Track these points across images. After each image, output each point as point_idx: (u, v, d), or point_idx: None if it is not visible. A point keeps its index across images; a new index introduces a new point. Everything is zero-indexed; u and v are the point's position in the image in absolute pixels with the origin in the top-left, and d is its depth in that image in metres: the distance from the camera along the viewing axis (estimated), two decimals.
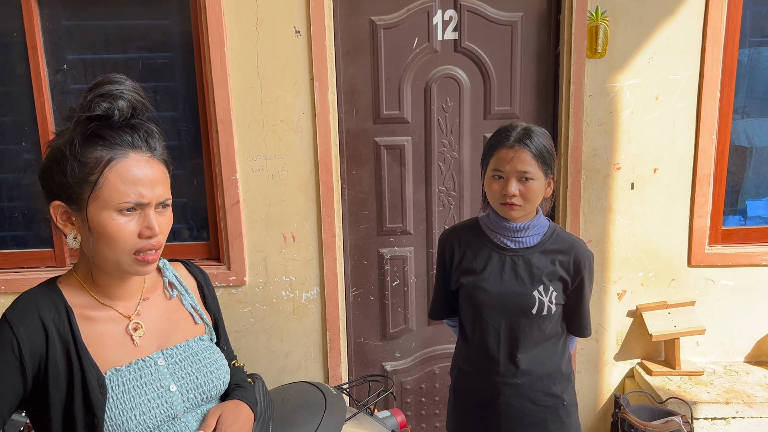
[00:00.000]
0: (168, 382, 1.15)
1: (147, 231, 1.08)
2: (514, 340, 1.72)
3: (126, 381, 1.10)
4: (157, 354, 1.17)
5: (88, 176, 1.05)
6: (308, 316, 2.77)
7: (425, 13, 2.66)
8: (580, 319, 1.79)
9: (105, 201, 1.05)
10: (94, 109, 1.04)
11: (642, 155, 2.74)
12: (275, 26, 2.54)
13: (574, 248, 1.73)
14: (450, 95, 2.74)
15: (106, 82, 1.06)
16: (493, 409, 1.76)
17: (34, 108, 2.61)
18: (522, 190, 1.63)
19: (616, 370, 2.94)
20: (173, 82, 2.67)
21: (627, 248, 2.82)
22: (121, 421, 1.07)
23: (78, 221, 1.09)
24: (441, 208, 2.85)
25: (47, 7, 2.57)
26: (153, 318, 1.20)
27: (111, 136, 1.06)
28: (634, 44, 2.64)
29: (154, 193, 1.08)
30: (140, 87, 1.10)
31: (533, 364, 1.73)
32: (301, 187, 2.67)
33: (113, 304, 1.16)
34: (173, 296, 1.26)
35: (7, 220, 2.75)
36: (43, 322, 1.06)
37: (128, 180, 1.06)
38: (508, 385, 1.73)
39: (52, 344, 1.06)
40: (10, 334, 1.03)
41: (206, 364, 1.23)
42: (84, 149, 1.05)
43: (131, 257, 1.09)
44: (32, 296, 1.10)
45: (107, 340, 1.12)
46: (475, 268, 1.75)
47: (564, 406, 1.76)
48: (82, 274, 1.15)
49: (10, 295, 2.64)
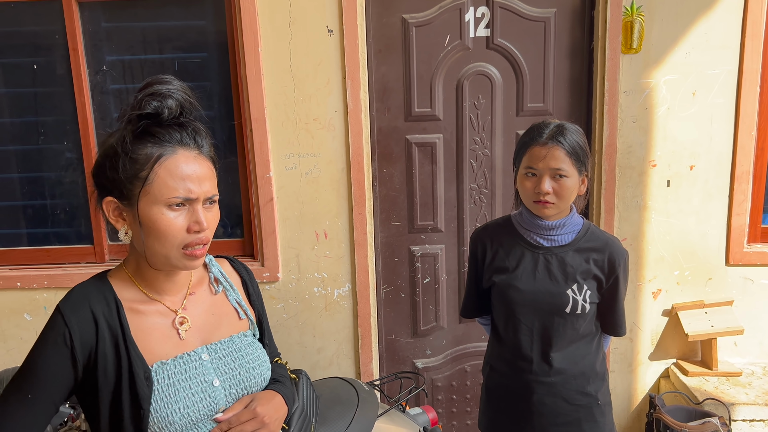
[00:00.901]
0: (212, 377, 1.17)
1: (195, 226, 1.10)
2: (547, 339, 1.71)
3: (171, 374, 1.13)
4: (201, 348, 1.19)
5: (139, 172, 1.08)
6: (340, 313, 2.80)
7: (457, 10, 2.66)
8: (614, 318, 1.77)
9: (155, 196, 1.08)
10: (145, 108, 1.06)
11: (678, 152, 2.69)
12: (308, 26, 2.57)
13: (609, 246, 1.71)
14: (482, 92, 2.73)
15: (156, 82, 1.09)
16: (526, 408, 1.75)
17: (75, 108, 2.69)
18: (555, 188, 1.62)
19: (651, 369, 2.90)
20: (208, 82, 2.72)
21: (662, 246, 2.77)
22: (166, 414, 1.09)
23: (129, 216, 1.12)
24: (472, 206, 2.84)
25: (88, 9, 2.64)
26: (198, 313, 1.22)
27: (160, 133, 1.09)
28: (670, 39, 2.60)
29: (202, 188, 1.11)
30: (188, 87, 1.13)
31: (567, 363, 1.71)
32: (333, 184, 2.69)
33: (161, 298, 1.18)
34: (219, 292, 1.28)
35: (49, 217, 2.83)
36: (93, 314, 1.09)
37: (177, 175, 1.09)
38: (541, 383, 1.72)
39: (101, 336, 1.09)
40: (62, 325, 1.07)
41: (249, 360, 1.25)
42: (135, 146, 1.08)
43: (180, 251, 1.11)
44: (84, 289, 1.13)
45: (154, 334, 1.15)
46: (508, 267, 1.74)
47: (598, 405, 1.75)
48: (131, 268, 1.18)
49: (52, 290, 2.72)
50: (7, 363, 2.79)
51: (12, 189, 2.81)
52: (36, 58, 2.69)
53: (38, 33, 2.66)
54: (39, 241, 2.85)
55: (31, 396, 1.06)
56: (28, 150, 2.78)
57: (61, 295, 2.87)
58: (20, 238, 2.86)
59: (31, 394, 1.06)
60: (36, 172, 2.80)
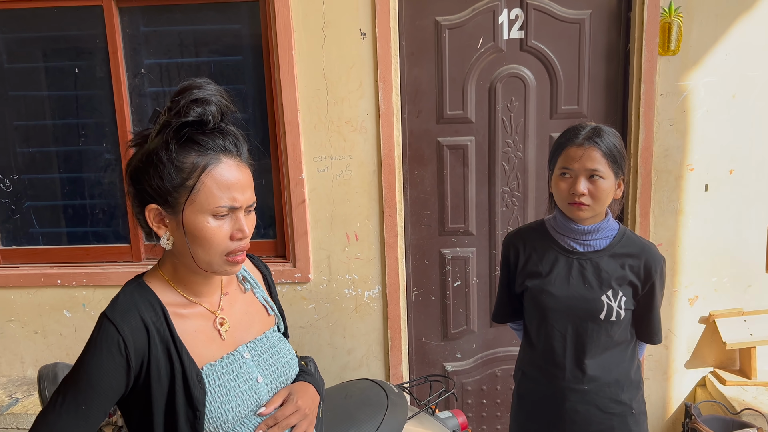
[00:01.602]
0: (255, 374, 1.20)
1: (239, 233, 1.11)
2: (581, 346, 1.68)
3: (220, 375, 1.14)
4: (243, 347, 1.21)
5: (185, 181, 1.08)
6: (370, 315, 2.81)
7: (491, 12, 2.65)
8: (650, 326, 1.73)
9: (201, 205, 1.08)
10: (189, 114, 1.06)
11: (717, 156, 2.63)
12: (341, 29, 2.58)
13: (645, 252, 1.68)
14: (515, 94, 2.71)
15: (194, 86, 1.08)
16: (558, 415, 1.73)
17: (114, 110, 2.75)
18: (591, 189, 1.59)
19: (687, 378, 2.84)
20: (243, 85, 2.76)
21: (699, 252, 2.71)
22: (220, 414, 1.12)
23: (172, 223, 1.11)
24: (504, 209, 2.82)
25: (127, 14, 2.70)
26: (234, 312, 1.24)
27: (204, 141, 1.09)
28: (709, 40, 2.54)
29: (244, 196, 1.12)
30: (224, 90, 1.12)
31: (601, 370, 1.69)
32: (365, 187, 2.70)
33: (200, 300, 1.19)
34: (247, 290, 1.30)
35: (88, 216, 2.91)
36: (144, 321, 1.09)
37: (223, 185, 1.09)
38: (574, 391, 1.70)
39: (153, 343, 1.09)
40: (116, 334, 1.06)
41: (283, 354, 1.28)
42: (180, 154, 1.07)
43: (222, 258, 1.12)
44: (129, 296, 1.12)
45: (199, 336, 1.16)
46: (541, 272, 1.73)
47: (632, 414, 1.72)
48: (168, 272, 1.18)
49: (90, 288, 2.79)
50: (48, 358, 2.88)
51: (53, 189, 2.90)
52: (78, 62, 2.76)
53: (80, 37, 2.74)
54: (78, 239, 2.92)
55: (85, 408, 1.06)
56: (69, 151, 2.86)
57: (99, 293, 2.94)
58: (60, 237, 2.94)
59: (85, 405, 1.06)
60: (76, 173, 2.88)
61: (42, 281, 2.82)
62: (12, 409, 2.60)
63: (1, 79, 2.79)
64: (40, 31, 2.75)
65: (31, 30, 2.76)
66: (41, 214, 2.92)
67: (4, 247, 2.93)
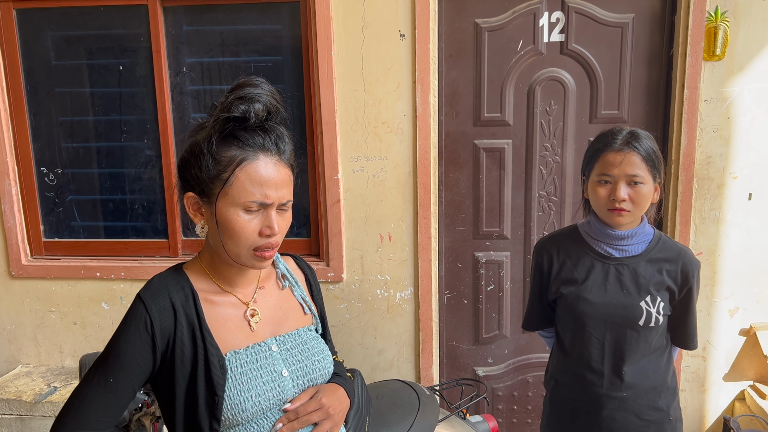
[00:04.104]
0: (281, 368, 1.21)
1: (267, 230, 1.14)
2: (619, 353, 1.66)
3: (243, 363, 1.17)
4: (271, 340, 1.23)
5: (221, 173, 1.12)
6: (402, 316, 2.81)
7: (531, 14, 2.62)
8: (687, 330, 1.71)
9: (233, 198, 1.12)
10: (233, 111, 1.10)
11: (762, 164, 2.57)
12: (381, 30, 2.59)
13: (682, 257, 1.65)
14: (554, 98, 2.68)
15: (247, 84, 1.13)
16: (594, 423, 1.71)
17: (156, 108, 2.81)
18: (631, 195, 1.58)
19: (725, 391, 2.77)
20: (282, 85, 2.78)
21: (741, 262, 2.64)
22: (239, 401, 1.14)
23: (207, 213, 1.17)
24: (540, 213, 2.79)
25: (171, 13, 2.76)
26: (268, 306, 1.27)
27: (245, 137, 1.13)
28: (757, 46, 2.48)
29: (277, 194, 1.14)
30: (276, 91, 1.16)
31: (639, 377, 1.66)
32: (399, 188, 2.70)
33: (233, 290, 1.23)
34: (285, 287, 1.33)
35: (128, 211, 2.97)
36: (172, 302, 1.15)
37: (256, 181, 1.12)
38: (611, 398, 1.68)
39: (179, 324, 1.14)
40: (144, 312, 1.12)
41: (314, 352, 1.29)
42: (220, 147, 1.12)
43: (250, 252, 1.15)
44: (163, 279, 1.18)
45: (227, 324, 1.20)
46: (576, 278, 1.70)
47: (670, 421, 1.69)
48: (206, 261, 1.23)
49: (128, 281, 2.85)
50: (86, 349, 2.95)
51: (94, 184, 2.97)
52: (122, 60, 2.83)
53: (125, 35, 2.80)
54: (117, 233, 2.99)
55: (112, 380, 1.11)
56: (111, 147, 2.92)
57: (137, 286, 3.01)
58: (101, 231, 3.00)
59: (112, 378, 1.11)
60: (117, 168, 2.94)
61: (82, 273, 2.89)
62: (50, 398, 2.67)
63: (48, 76, 2.87)
64: (86, 29, 2.83)
65: (77, 28, 2.83)
66: (83, 207, 2.99)
67: (47, 239, 3.01)
